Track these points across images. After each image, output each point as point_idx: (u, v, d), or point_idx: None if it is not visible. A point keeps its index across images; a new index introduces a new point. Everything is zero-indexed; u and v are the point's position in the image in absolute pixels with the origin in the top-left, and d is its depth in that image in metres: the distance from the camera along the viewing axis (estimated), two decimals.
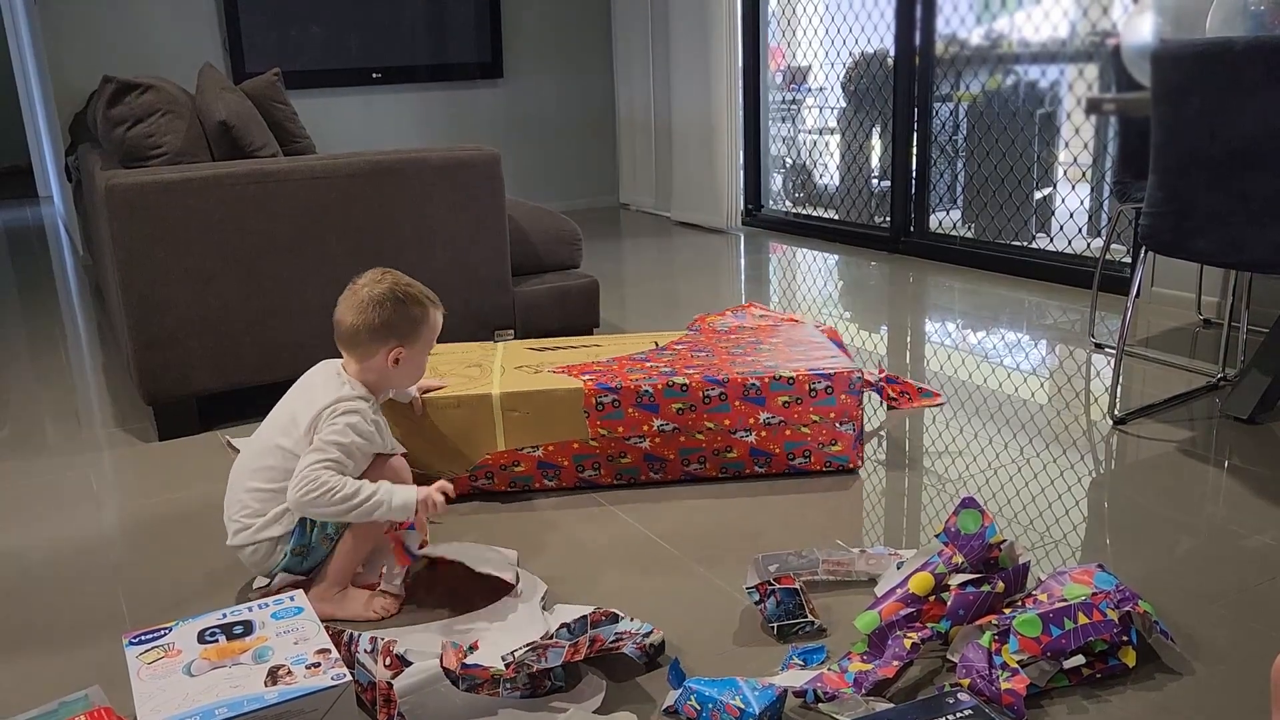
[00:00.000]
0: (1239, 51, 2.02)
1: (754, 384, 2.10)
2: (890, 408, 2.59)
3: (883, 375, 2.65)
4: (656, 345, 2.38)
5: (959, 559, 1.53)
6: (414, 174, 2.70)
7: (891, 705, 1.37)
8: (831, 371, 2.12)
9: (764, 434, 2.14)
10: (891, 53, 4.51)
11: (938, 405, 2.60)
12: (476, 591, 1.70)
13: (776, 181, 5.58)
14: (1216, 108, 2.06)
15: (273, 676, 1.28)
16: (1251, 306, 2.91)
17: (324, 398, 1.72)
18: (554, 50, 5.83)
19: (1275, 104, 1.97)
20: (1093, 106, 2.64)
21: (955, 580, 1.51)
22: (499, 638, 1.55)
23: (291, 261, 2.57)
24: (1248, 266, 2.20)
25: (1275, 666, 1.06)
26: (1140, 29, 2.69)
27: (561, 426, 2.12)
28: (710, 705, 1.34)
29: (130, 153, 2.58)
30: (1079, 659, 1.43)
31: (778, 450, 2.15)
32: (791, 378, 2.11)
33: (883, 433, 2.43)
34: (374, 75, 5.40)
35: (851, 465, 2.17)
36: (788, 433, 2.14)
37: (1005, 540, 1.56)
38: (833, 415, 2.13)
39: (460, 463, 2.14)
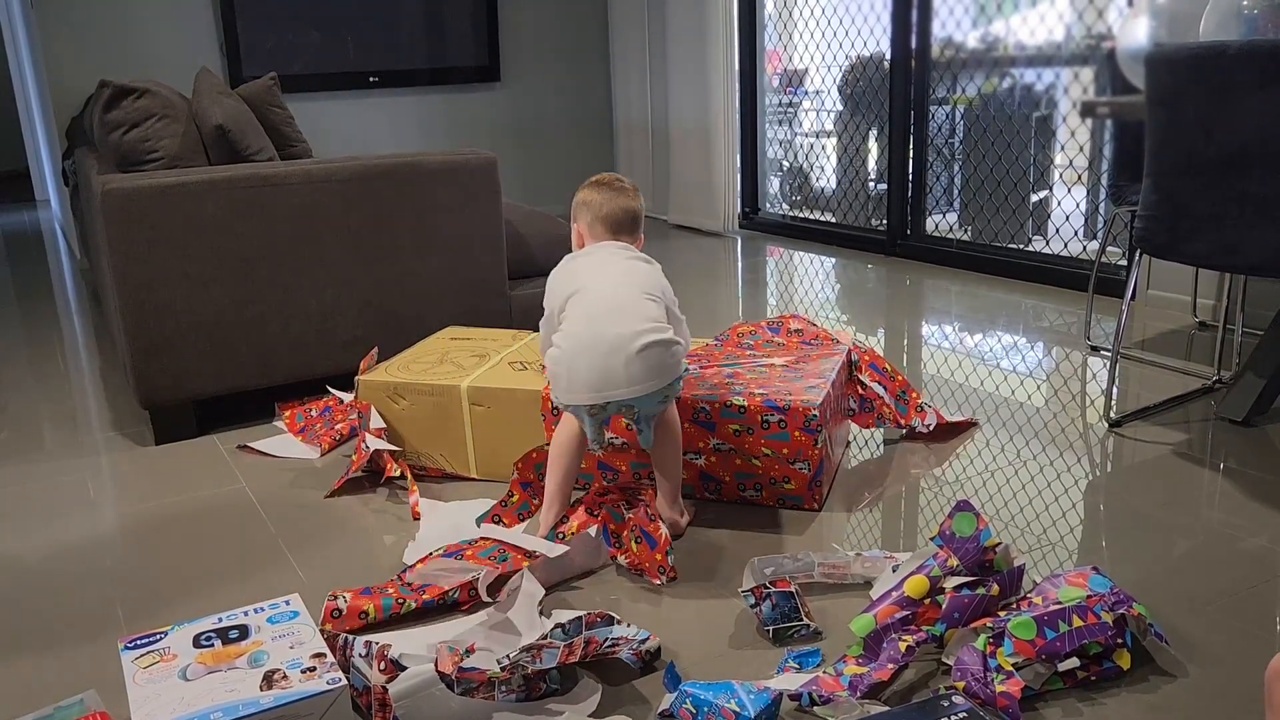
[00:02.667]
0: (1233, 55, 2.02)
1: (703, 407, 2.01)
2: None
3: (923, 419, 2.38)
4: None
5: (954, 562, 1.53)
6: (410, 178, 2.70)
7: (886, 708, 1.37)
8: (786, 405, 1.96)
9: (713, 459, 2.04)
10: (888, 56, 4.52)
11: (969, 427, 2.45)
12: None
13: (773, 184, 5.59)
14: (1210, 111, 2.07)
15: (268, 681, 1.28)
16: (1246, 309, 2.92)
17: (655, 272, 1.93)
18: (551, 54, 5.84)
19: (1269, 107, 1.98)
20: (1087, 110, 2.65)
21: (950, 583, 1.52)
22: (495, 641, 1.55)
23: (288, 266, 2.57)
24: (1242, 269, 2.21)
25: (1269, 669, 1.07)
26: (1135, 32, 2.70)
27: (525, 427, 2.15)
28: (706, 709, 1.34)
29: (126, 157, 2.59)
30: (1074, 662, 1.44)
31: (728, 478, 2.05)
32: (743, 406, 1.99)
33: (879, 435, 2.43)
34: (371, 79, 5.41)
35: (806, 506, 2.02)
36: (737, 462, 2.02)
37: (1000, 543, 1.56)
38: (785, 451, 1.98)
39: (438, 449, 2.23)
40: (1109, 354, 2.93)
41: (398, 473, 2.19)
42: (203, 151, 2.70)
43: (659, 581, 1.75)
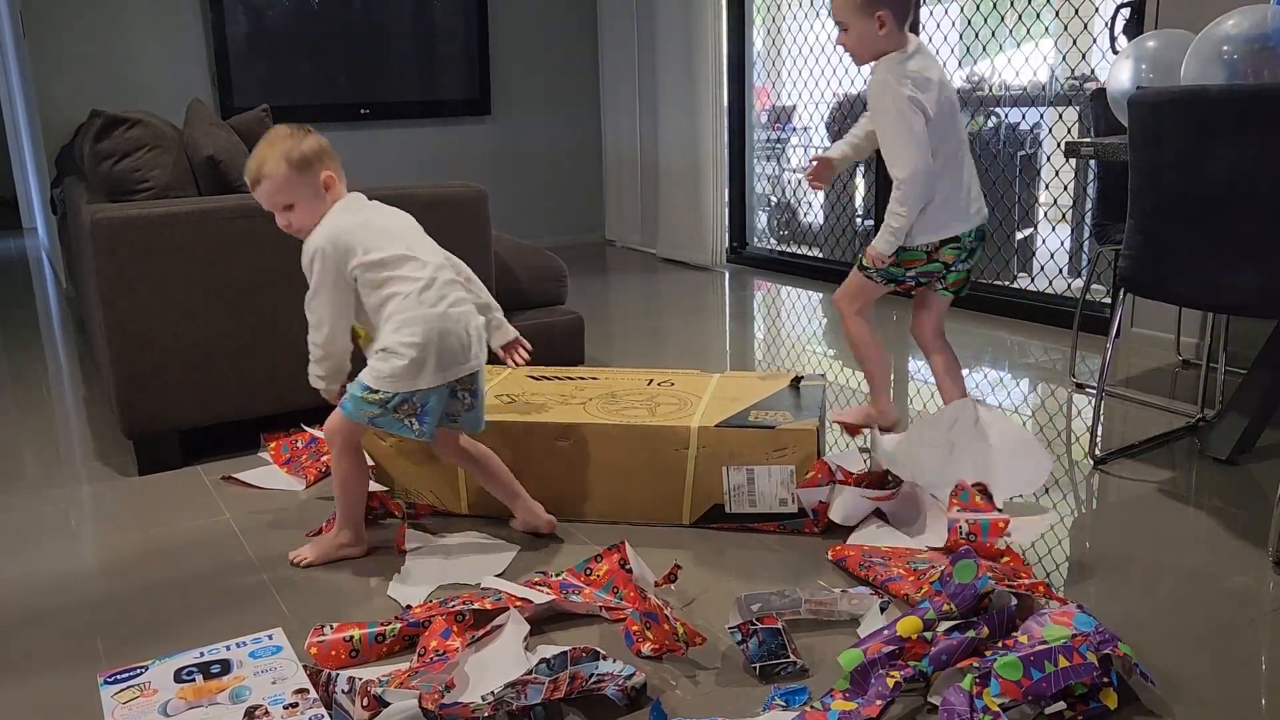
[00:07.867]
0: (1213, 98, 2.06)
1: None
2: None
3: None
4: (652, 381, 2.38)
5: (949, 607, 1.54)
6: (401, 210, 2.70)
7: None
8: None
9: None
10: None
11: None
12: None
13: (761, 219, 5.63)
14: (1191, 153, 2.10)
15: (250, 716, 1.27)
16: (1229, 347, 2.94)
17: None
18: (542, 88, 5.89)
19: (1248, 149, 2.01)
20: (1071, 150, 2.68)
21: (942, 627, 1.52)
22: (478, 676, 1.54)
23: (276, 296, 2.57)
24: (1223, 309, 2.23)
25: None
26: (1123, 75, 2.74)
27: (514, 460, 2.14)
28: None
29: (117, 186, 2.59)
30: (1060, 705, 1.43)
31: None
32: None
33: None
34: (362, 111, 5.44)
35: (806, 531, 2.07)
36: None
37: (995, 589, 1.56)
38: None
39: (427, 485, 2.21)
40: (1094, 391, 2.95)
41: (385, 510, 2.18)
42: (193, 182, 2.70)
43: (683, 652, 1.62)
